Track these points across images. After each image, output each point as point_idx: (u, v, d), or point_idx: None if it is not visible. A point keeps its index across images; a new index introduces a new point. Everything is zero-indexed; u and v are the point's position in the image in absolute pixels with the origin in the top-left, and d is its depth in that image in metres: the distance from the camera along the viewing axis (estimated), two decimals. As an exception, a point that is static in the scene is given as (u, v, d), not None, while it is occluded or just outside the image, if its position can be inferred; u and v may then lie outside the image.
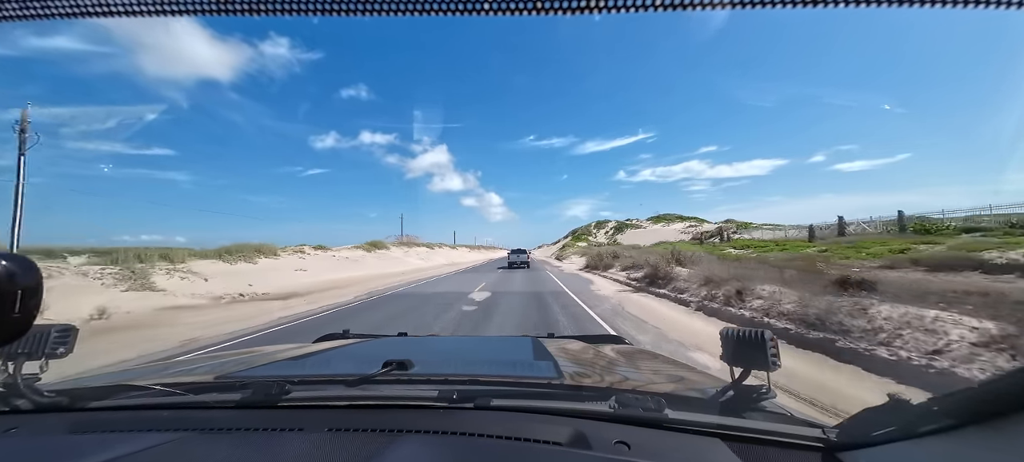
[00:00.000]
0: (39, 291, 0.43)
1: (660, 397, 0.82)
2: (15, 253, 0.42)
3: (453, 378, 0.96)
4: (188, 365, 1.33)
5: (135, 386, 0.97)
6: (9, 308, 0.40)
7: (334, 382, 0.98)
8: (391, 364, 0.97)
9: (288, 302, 10.65)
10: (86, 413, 0.91)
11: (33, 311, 0.43)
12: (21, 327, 0.42)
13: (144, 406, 0.92)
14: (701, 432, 0.74)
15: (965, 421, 0.56)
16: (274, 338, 6.40)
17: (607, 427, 0.76)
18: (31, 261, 0.43)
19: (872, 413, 0.69)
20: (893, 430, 0.64)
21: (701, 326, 6.35)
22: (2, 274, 0.39)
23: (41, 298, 0.43)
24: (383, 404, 0.86)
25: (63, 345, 0.96)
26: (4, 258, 0.40)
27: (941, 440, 0.58)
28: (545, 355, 1.37)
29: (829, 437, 0.70)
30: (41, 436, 0.81)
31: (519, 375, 1.09)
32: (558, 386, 0.96)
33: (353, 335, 1.97)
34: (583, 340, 1.86)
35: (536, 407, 0.83)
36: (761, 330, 0.82)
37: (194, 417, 0.85)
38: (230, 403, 0.89)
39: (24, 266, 0.42)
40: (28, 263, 0.42)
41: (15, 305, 0.40)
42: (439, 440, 0.72)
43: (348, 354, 1.55)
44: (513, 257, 25.13)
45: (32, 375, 0.94)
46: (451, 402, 0.84)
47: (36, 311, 0.43)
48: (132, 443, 0.70)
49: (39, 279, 0.43)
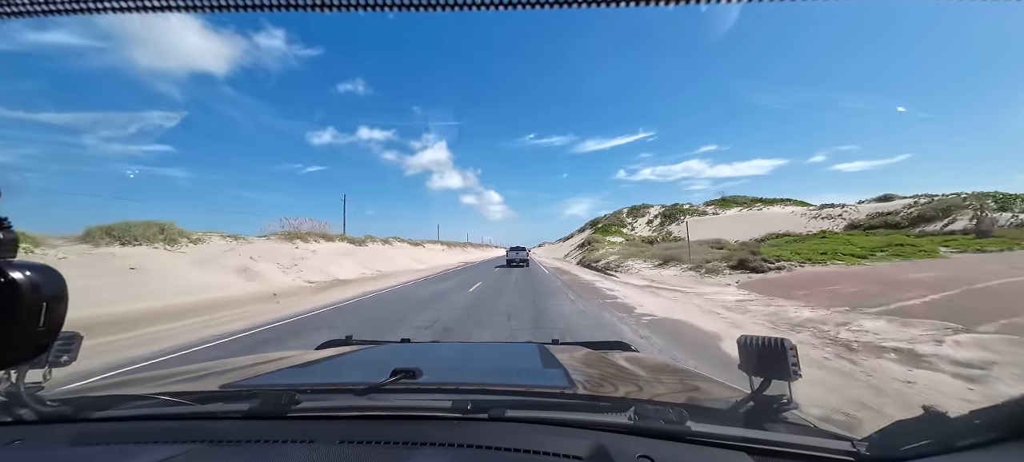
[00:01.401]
0: (64, 301, 0.40)
1: (681, 408, 0.80)
2: (37, 262, 0.39)
3: (464, 387, 0.94)
4: (193, 373, 1.31)
5: (140, 396, 0.96)
6: (34, 321, 0.37)
7: (343, 391, 0.96)
8: (400, 373, 0.96)
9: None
10: (90, 424, 0.89)
11: (59, 323, 0.40)
12: (46, 340, 0.39)
13: (150, 417, 0.90)
14: (725, 445, 0.72)
15: (1008, 436, 0.53)
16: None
17: (627, 440, 0.73)
18: (55, 270, 0.40)
19: (905, 425, 0.66)
20: (928, 443, 0.61)
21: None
22: (26, 285, 0.36)
23: (66, 308, 0.41)
24: (395, 415, 0.84)
25: (67, 353, 0.94)
26: (28, 268, 0.37)
27: (981, 455, 0.55)
28: (554, 363, 1.34)
29: (859, 450, 0.67)
30: (45, 448, 0.78)
31: (531, 384, 1.07)
32: (572, 396, 0.94)
33: (356, 341, 1.95)
34: (589, 346, 1.84)
35: (553, 418, 0.81)
36: (782, 339, 0.79)
37: (201, 428, 0.83)
38: (238, 413, 0.87)
39: (48, 275, 0.39)
40: (52, 271, 0.40)
41: (40, 318, 0.38)
42: (454, 453, 0.70)
43: (355, 361, 1.52)
44: (512, 255, 25.39)
45: (35, 384, 0.92)
46: (465, 413, 0.82)
47: (61, 322, 0.40)
48: (138, 456, 0.68)
49: (63, 288, 0.40)
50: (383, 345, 1.87)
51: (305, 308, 9.51)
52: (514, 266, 23.36)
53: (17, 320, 0.36)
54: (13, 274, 0.36)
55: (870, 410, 3.16)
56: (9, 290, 0.36)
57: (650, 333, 6.00)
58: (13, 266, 0.37)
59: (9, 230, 0.38)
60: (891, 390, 3.62)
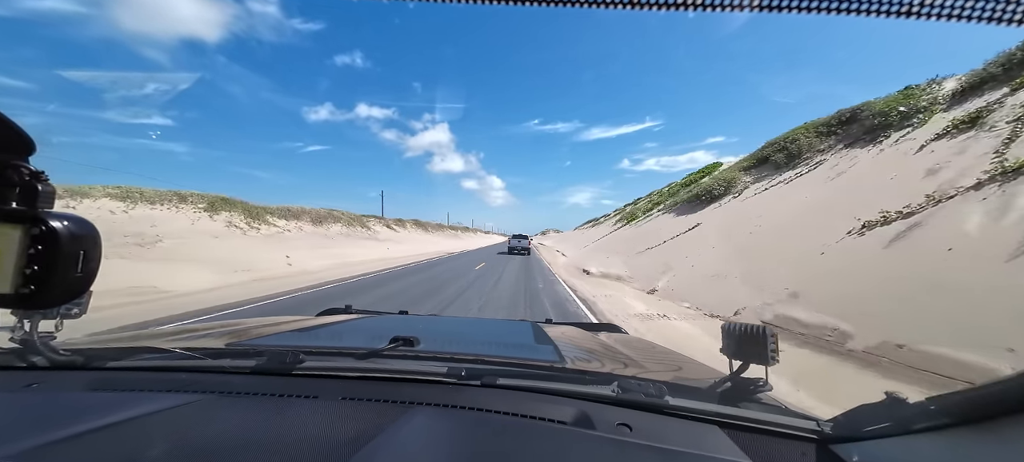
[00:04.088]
0: (98, 250, 0.43)
1: (661, 384, 0.85)
2: (74, 213, 0.42)
3: (459, 356, 0.99)
4: (201, 332, 1.35)
5: (151, 348, 1.00)
6: (73, 267, 0.40)
7: (345, 354, 1.00)
8: (398, 340, 1.01)
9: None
10: (102, 372, 0.93)
11: (94, 270, 0.43)
12: (82, 287, 0.42)
13: (161, 368, 0.94)
14: (700, 419, 0.77)
15: (960, 421, 0.58)
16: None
17: (610, 410, 0.78)
18: (88, 221, 0.43)
19: (868, 409, 0.71)
20: (887, 426, 0.66)
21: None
22: (65, 234, 0.39)
23: (100, 256, 0.44)
24: (394, 377, 0.89)
25: (78, 305, 0.98)
26: (66, 218, 0.40)
27: (934, 438, 0.60)
28: (546, 340, 1.40)
29: (823, 430, 0.73)
30: (59, 392, 0.82)
31: (523, 357, 1.12)
32: (561, 369, 0.99)
33: (356, 310, 2.00)
34: (581, 327, 1.90)
35: (542, 387, 0.86)
36: (763, 326, 0.84)
37: (211, 380, 0.87)
38: (245, 369, 0.91)
39: (84, 226, 0.42)
40: (87, 223, 0.43)
41: (78, 265, 0.41)
42: (448, 413, 0.74)
43: (356, 328, 1.58)
44: (514, 243, 27.18)
45: (47, 333, 0.96)
46: (459, 379, 0.87)
47: (96, 270, 0.43)
48: (151, 403, 0.72)
49: (97, 238, 0.43)
50: (382, 315, 1.93)
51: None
52: (515, 253, 25.10)
53: (57, 266, 0.39)
54: (54, 223, 0.39)
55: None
56: (51, 237, 0.39)
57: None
58: (53, 216, 0.40)
59: (47, 182, 0.41)
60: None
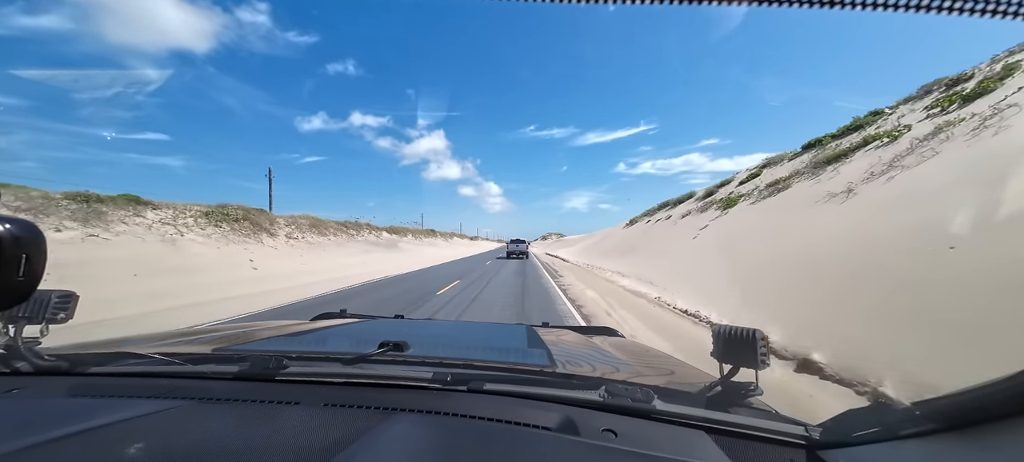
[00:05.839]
0: (43, 254, 0.42)
1: (649, 389, 0.83)
2: (17, 216, 0.41)
3: (448, 361, 0.98)
4: (187, 337, 1.34)
5: (134, 354, 0.99)
6: (13, 271, 0.40)
7: (330, 360, 0.99)
8: (387, 345, 1.00)
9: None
10: (85, 378, 0.92)
11: (38, 274, 0.42)
12: (25, 290, 0.42)
13: (143, 373, 0.93)
14: (688, 424, 0.76)
15: (945, 426, 0.57)
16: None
17: (596, 415, 0.77)
18: (34, 224, 0.42)
19: (855, 414, 0.70)
20: (875, 431, 0.65)
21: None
22: (7, 237, 0.39)
23: (45, 261, 0.43)
24: (378, 383, 0.88)
25: (63, 310, 0.97)
26: (8, 221, 0.40)
27: (920, 443, 0.59)
28: (539, 343, 1.38)
29: (811, 435, 0.72)
30: (41, 398, 0.82)
31: (513, 362, 1.11)
32: (550, 374, 0.98)
33: (350, 315, 1.99)
34: (577, 330, 1.89)
35: (527, 392, 0.85)
36: (753, 330, 0.83)
37: (192, 386, 0.87)
38: (228, 375, 0.90)
39: (27, 229, 0.41)
40: (31, 226, 0.42)
41: (19, 268, 0.40)
42: (431, 419, 0.74)
43: (345, 333, 1.57)
44: (512, 247, 28.29)
45: (32, 338, 0.95)
46: (445, 384, 0.86)
47: (40, 274, 0.42)
48: (131, 408, 0.71)
49: (42, 242, 0.43)
50: (376, 319, 1.92)
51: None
52: (513, 257, 26.59)
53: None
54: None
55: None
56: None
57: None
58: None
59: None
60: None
